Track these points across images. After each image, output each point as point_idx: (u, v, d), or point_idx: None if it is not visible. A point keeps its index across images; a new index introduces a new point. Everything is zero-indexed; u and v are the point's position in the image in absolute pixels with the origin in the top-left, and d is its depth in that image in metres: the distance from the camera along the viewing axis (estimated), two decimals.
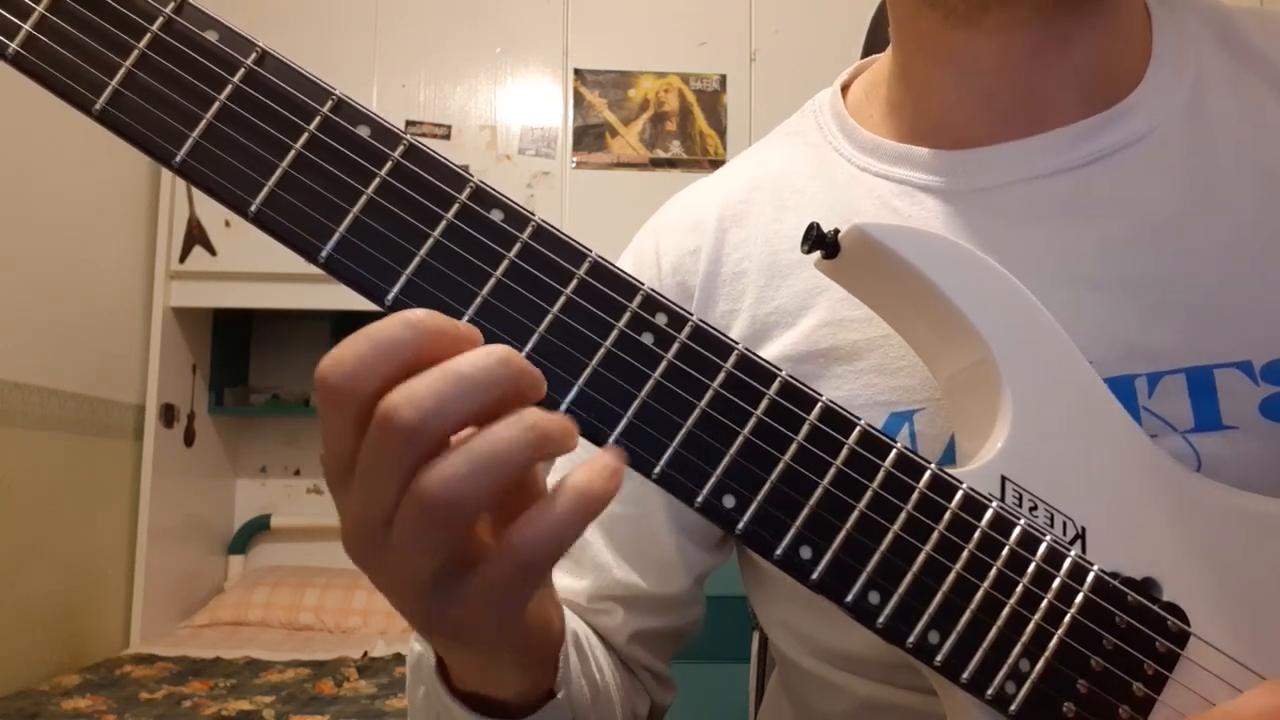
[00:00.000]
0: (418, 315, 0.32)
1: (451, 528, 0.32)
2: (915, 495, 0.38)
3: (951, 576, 0.38)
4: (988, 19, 0.52)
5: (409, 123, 2.68)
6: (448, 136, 2.71)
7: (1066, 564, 0.39)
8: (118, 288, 2.56)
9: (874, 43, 0.86)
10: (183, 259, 2.62)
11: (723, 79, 2.80)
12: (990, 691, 0.38)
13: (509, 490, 0.33)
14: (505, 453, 0.32)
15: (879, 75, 0.61)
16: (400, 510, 0.32)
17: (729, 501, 0.37)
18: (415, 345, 0.32)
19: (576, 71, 2.78)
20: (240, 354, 3.11)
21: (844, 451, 0.38)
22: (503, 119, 2.75)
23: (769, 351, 0.55)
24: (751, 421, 0.37)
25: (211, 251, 2.61)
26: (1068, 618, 0.39)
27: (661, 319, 0.37)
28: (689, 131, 2.77)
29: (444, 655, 0.43)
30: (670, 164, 2.75)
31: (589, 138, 2.76)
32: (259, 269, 2.56)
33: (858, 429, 0.38)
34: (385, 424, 0.31)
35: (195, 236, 2.61)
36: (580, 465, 0.33)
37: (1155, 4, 0.56)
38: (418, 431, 0.31)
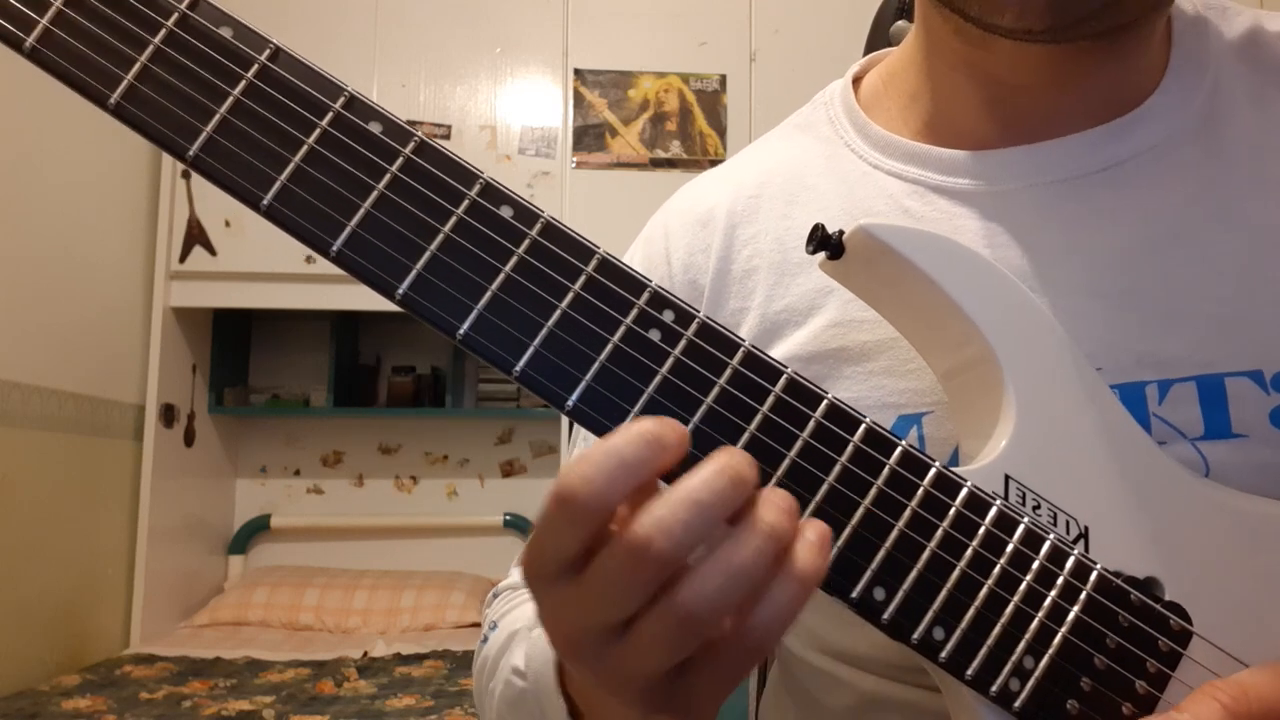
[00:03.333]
0: (654, 431, 0.33)
1: (702, 635, 0.33)
2: (920, 493, 0.38)
3: (956, 574, 0.38)
4: (997, 46, 0.52)
5: (409, 123, 2.67)
6: (448, 136, 2.71)
7: (1070, 563, 0.40)
8: (118, 288, 2.56)
9: (875, 43, 0.86)
10: (183, 259, 2.62)
11: (723, 79, 2.80)
12: (994, 688, 0.38)
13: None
14: (753, 564, 0.33)
15: (898, 66, 0.61)
16: (649, 621, 0.33)
17: None
18: (654, 464, 0.33)
19: (576, 71, 2.78)
20: (240, 354, 3.11)
21: (849, 449, 0.38)
22: (503, 119, 2.75)
23: (778, 350, 0.55)
24: (757, 418, 0.37)
25: (211, 251, 2.61)
26: (1071, 616, 0.39)
27: (669, 315, 0.37)
28: (689, 131, 2.78)
29: (598, 709, 0.43)
30: (670, 164, 2.75)
31: (589, 138, 2.76)
32: (259, 269, 2.56)
33: (863, 426, 0.38)
34: (640, 553, 0.32)
35: (195, 236, 2.61)
36: (801, 547, 0.34)
37: (1175, 11, 0.56)
38: (671, 561, 0.32)
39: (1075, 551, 0.40)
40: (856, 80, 0.63)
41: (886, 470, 0.38)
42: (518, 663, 0.51)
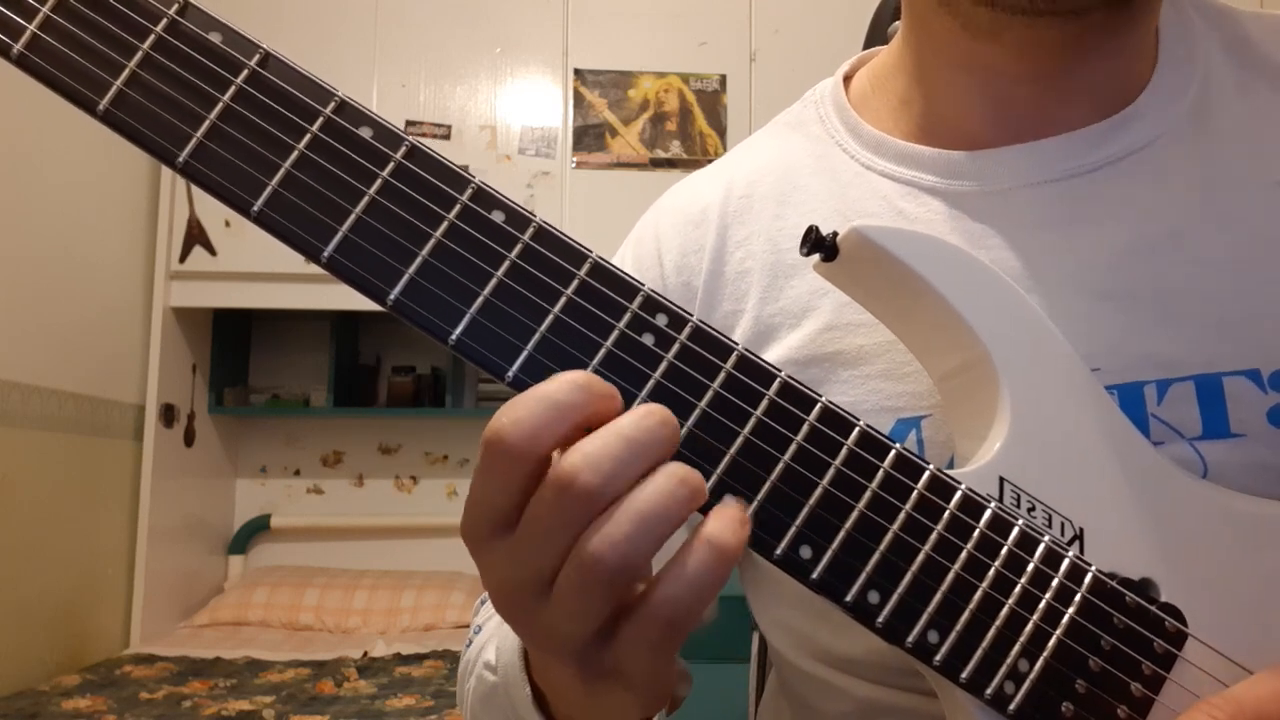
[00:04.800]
0: (585, 378, 0.33)
1: (616, 590, 0.33)
2: (914, 496, 0.38)
3: (950, 577, 0.38)
4: (1008, 35, 0.51)
5: (409, 123, 2.68)
6: (448, 136, 2.71)
7: (1064, 565, 0.40)
8: (118, 288, 2.56)
9: (873, 42, 0.86)
10: (183, 259, 2.62)
11: (723, 79, 2.80)
12: (989, 691, 0.38)
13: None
14: (664, 511, 0.33)
15: (887, 68, 0.60)
16: (564, 574, 0.33)
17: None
18: (585, 408, 0.33)
19: (576, 71, 2.78)
20: (240, 354, 3.11)
21: (843, 452, 0.38)
22: (503, 119, 2.75)
23: (773, 353, 0.55)
24: (751, 422, 0.37)
25: (211, 251, 2.61)
26: (1066, 618, 0.39)
27: (662, 320, 0.37)
28: (689, 131, 2.77)
29: (558, 699, 0.43)
30: (670, 164, 2.75)
31: (589, 138, 2.76)
32: (259, 269, 2.57)
33: (857, 429, 0.38)
34: (566, 487, 0.32)
35: (195, 236, 2.62)
36: (711, 516, 0.34)
37: (1163, 7, 0.56)
38: (599, 495, 0.32)
39: (1070, 553, 0.40)
40: (847, 79, 0.63)
41: (880, 473, 0.38)
42: (489, 658, 0.51)
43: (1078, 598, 0.39)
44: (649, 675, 0.35)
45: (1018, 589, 0.39)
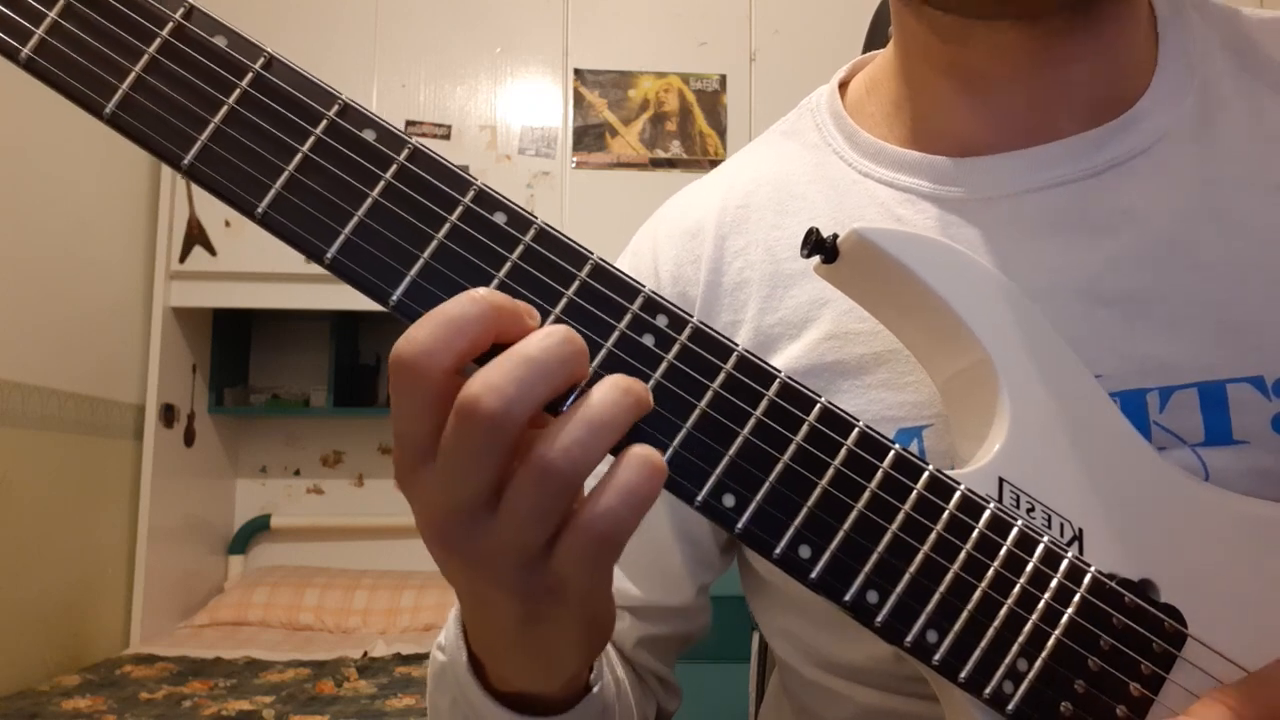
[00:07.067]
0: (482, 292, 0.33)
1: (570, 494, 0.33)
2: (913, 496, 0.39)
3: (949, 577, 0.38)
4: (975, 38, 0.51)
5: (409, 123, 2.68)
6: (448, 137, 2.71)
7: (1064, 565, 0.40)
8: (118, 288, 2.56)
9: (874, 43, 0.86)
10: (183, 259, 2.62)
11: (723, 79, 2.80)
12: (988, 691, 0.38)
13: None
14: (613, 417, 0.33)
15: (881, 72, 0.60)
16: (516, 485, 0.33)
17: (728, 501, 0.37)
18: (483, 321, 0.33)
19: (576, 71, 2.78)
20: (240, 354, 3.11)
21: (842, 452, 0.38)
22: (503, 119, 2.75)
23: (774, 363, 0.55)
24: (751, 422, 0.37)
25: (211, 251, 2.61)
26: (1065, 618, 0.39)
27: (662, 321, 0.37)
28: (689, 131, 2.78)
29: (495, 653, 0.42)
30: (670, 164, 2.75)
31: (589, 138, 2.76)
32: (259, 269, 2.57)
33: (856, 430, 0.38)
34: (470, 414, 0.32)
35: (195, 236, 2.62)
36: (633, 445, 0.34)
37: (1161, 7, 0.55)
38: (505, 419, 0.32)
39: (1069, 554, 0.40)
40: (843, 85, 0.63)
41: (880, 473, 0.38)
42: (440, 639, 0.51)
43: (1076, 598, 0.40)
44: (587, 591, 0.35)
45: (1016, 589, 0.39)
